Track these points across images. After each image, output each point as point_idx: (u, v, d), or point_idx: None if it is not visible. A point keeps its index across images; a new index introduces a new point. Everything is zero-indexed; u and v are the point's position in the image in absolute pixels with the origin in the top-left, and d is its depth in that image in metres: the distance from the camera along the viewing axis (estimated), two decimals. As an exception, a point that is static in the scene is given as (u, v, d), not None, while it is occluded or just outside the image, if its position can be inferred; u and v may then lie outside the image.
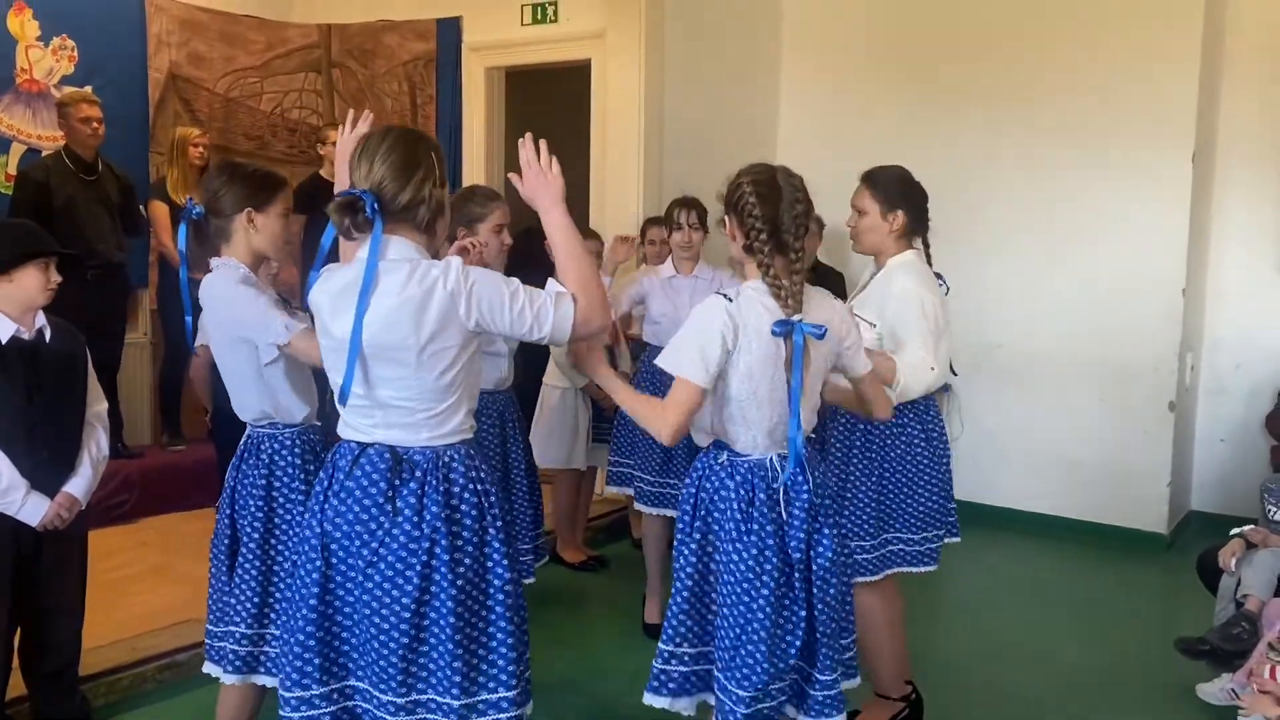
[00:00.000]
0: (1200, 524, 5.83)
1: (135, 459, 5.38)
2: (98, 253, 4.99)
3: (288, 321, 2.52)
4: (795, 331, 2.30)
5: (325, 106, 6.68)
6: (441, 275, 2.10)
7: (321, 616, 2.17)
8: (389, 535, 2.12)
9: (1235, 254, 5.86)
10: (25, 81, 5.39)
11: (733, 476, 2.40)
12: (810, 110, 6.43)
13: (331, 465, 2.23)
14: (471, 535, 2.15)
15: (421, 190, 2.15)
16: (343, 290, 2.15)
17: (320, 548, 2.17)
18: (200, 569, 4.16)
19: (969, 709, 3.68)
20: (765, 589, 2.35)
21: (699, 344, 2.33)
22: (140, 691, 3.57)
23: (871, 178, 3.18)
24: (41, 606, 3.10)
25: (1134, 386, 5.61)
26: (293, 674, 2.17)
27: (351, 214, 2.11)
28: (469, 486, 2.16)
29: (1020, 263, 5.90)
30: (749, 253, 2.39)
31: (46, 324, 3.03)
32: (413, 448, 2.15)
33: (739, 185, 2.40)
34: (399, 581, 2.11)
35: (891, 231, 3.14)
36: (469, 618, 2.14)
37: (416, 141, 2.20)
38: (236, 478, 2.76)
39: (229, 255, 2.69)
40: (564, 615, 4.40)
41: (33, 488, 2.97)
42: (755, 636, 2.34)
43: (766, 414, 2.38)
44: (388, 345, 2.10)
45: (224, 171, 2.76)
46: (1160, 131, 5.44)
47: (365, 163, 2.14)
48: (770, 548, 2.36)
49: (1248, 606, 3.82)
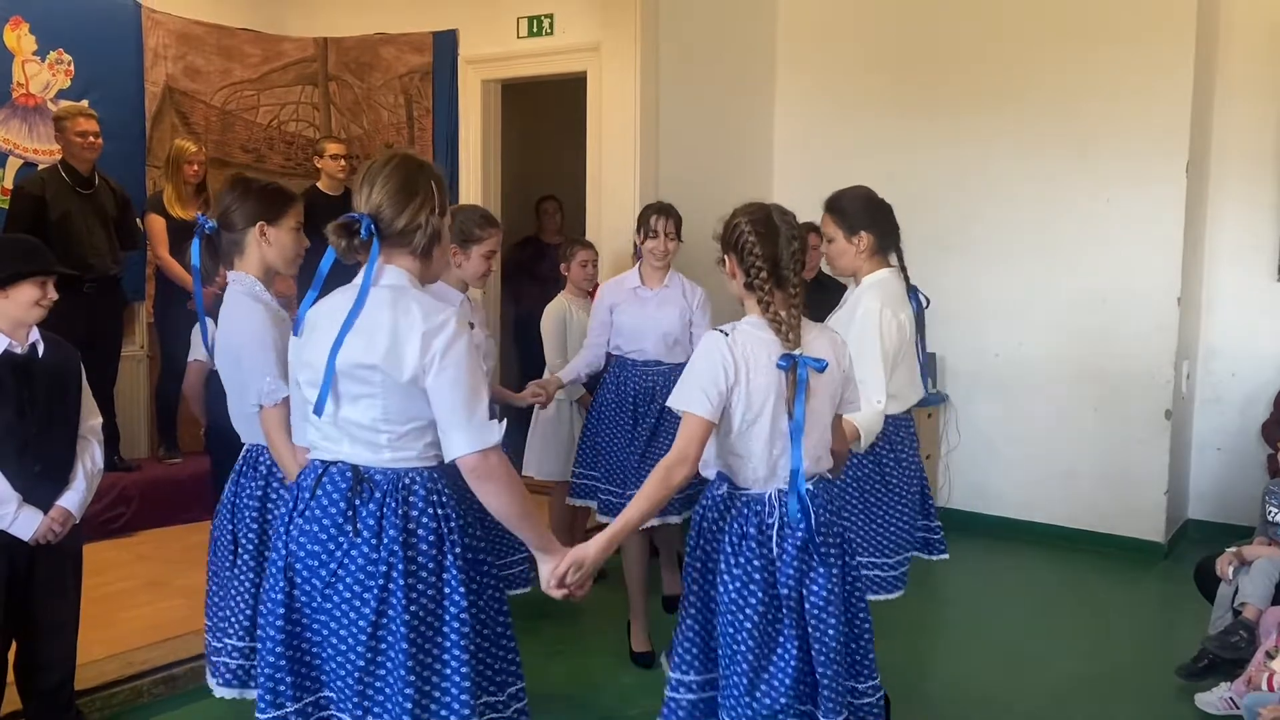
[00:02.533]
0: (1197, 532, 5.83)
1: (132, 472, 5.37)
2: (94, 266, 4.99)
3: (272, 387, 2.58)
4: (799, 365, 2.35)
5: (322, 119, 6.69)
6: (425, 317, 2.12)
7: (290, 635, 2.18)
8: (347, 556, 2.14)
9: (1230, 263, 5.87)
10: (21, 96, 5.39)
11: (730, 509, 2.45)
12: (806, 121, 6.45)
13: (297, 485, 2.26)
14: (428, 560, 2.15)
15: (418, 217, 2.19)
16: (331, 312, 2.19)
17: (284, 568, 2.19)
18: (197, 581, 4.16)
19: (968, 718, 3.67)
20: (748, 622, 2.37)
21: (701, 380, 2.38)
22: (136, 705, 3.57)
23: (831, 205, 3.20)
24: (36, 622, 3.09)
25: (1130, 395, 5.62)
26: (266, 694, 2.18)
27: (349, 235, 2.16)
28: (428, 510, 2.16)
29: (1016, 272, 5.92)
30: (749, 290, 2.44)
31: (40, 339, 3.03)
32: (374, 468, 2.16)
33: (737, 225, 2.45)
34: (356, 604, 2.13)
35: (860, 253, 3.15)
36: (422, 643, 2.14)
37: (418, 169, 2.24)
38: (235, 492, 2.77)
39: (242, 269, 2.73)
40: (560, 627, 4.39)
41: (25, 502, 2.96)
42: (739, 669, 2.37)
43: (766, 448, 2.40)
44: (359, 365, 2.13)
45: (236, 186, 2.80)
46: (1155, 142, 5.46)
47: (366, 187, 2.19)
48: (757, 582, 2.38)
49: (1245, 614, 3.83)
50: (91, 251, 5.01)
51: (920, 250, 5.74)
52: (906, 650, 4.22)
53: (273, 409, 2.59)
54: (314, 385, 2.18)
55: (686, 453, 2.38)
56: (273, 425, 2.60)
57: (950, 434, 6.18)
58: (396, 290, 2.17)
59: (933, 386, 6.10)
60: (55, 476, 3.05)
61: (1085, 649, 4.36)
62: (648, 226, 4.06)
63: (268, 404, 2.60)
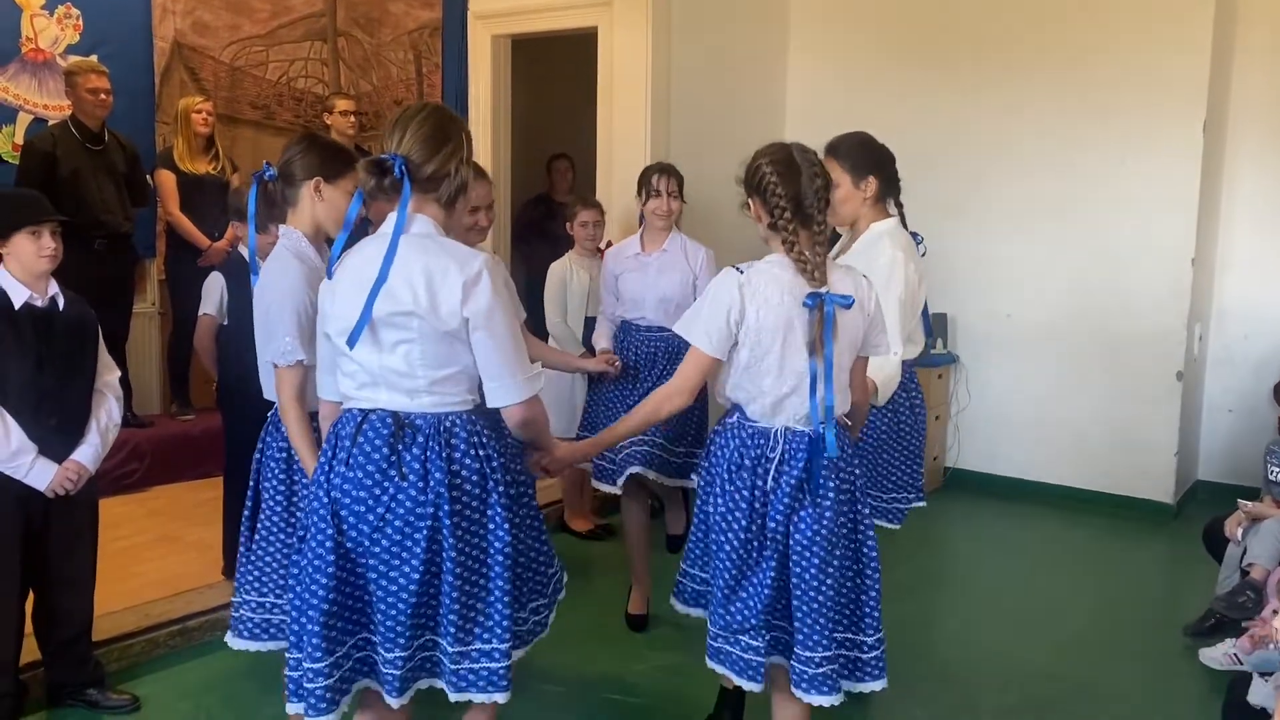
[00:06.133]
0: (1207, 494, 5.84)
1: (145, 428, 5.40)
2: (105, 223, 5.00)
3: (288, 348, 2.59)
4: (825, 303, 2.37)
5: (331, 75, 6.65)
6: (463, 264, 2.17)
7: (340, 582, 2.22)
8: (394, 500, 2.19)
9: (1245, 224, 5.83)
10: (31, 51, 5.37)
11: (735, 437, 2.50)
12: (818, 79, 6.39)
13: (334, 435, 2.28)
14: (472, 500, 2.22)
15: (448, 164, 2.23)
16: (363, 261, 2.22)
17: (330, 515, 2.22)
18: (210, 536, 4.22)
19: (975, 675, 3.70)
20: (727, 545, 2.46)
21: (705, 316, 2.46)
22: (152, 657, 3.62)
23: (835, 148, 3.11)
24: (53, 575, 3.13)
25: (1142, 357, 5.60)
26: (320, 642, 2.19)
27: (380, 174, 2.20)
28: (470, 453, 2.22)
29: (1029, 233, 5.88)
30: (774, 230, 2.45)
31: (60, 292, 3.05)
32: (414, 413, 2.21)
33: (758, 167, 2.46)
34: (406, 544, 2.19)
35: (866, 199, 3.10)
36: (468, 576, 2.23)
37: (450, 119, 2.29)
38: (262, 449, 2.80)
39: (293, 223, 2.74)
40: (571, 583, 4.41)
41: (41, 454, 2.99)
42: (720, 581, 2.49)
43: (775, 385, 2.43)
44: (395, 312, 2.16)
45: (303, 140, 2.81)
46: (1171, 100, 5.41)
47: (398, 132, 2.22)
48: (742, 510, 2.44)
49: (1253, 575, 3.84)
50: (102, 208, 5.00)
51: (933, 211, 5.76)
52: (915, 608, 4.25)
53: (286, 370, 2.60)
54: (345, 334, 2.21)
55: (683, 385, 2.51)
56: (284, 385, 2.61)
57: (960, 394, 6.18)
58: (426, 238, 2.21)
59: (943, 347, 6.10)
60: (71, 430, 3.07)
61: (1093, 608, 4.39)
62: (649, 186, 3.99)
63: (281, 364, 2.61)
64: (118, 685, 3.37)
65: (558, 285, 4.69)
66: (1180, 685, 3.68)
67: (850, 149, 3.11)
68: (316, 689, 2.20)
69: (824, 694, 2.44)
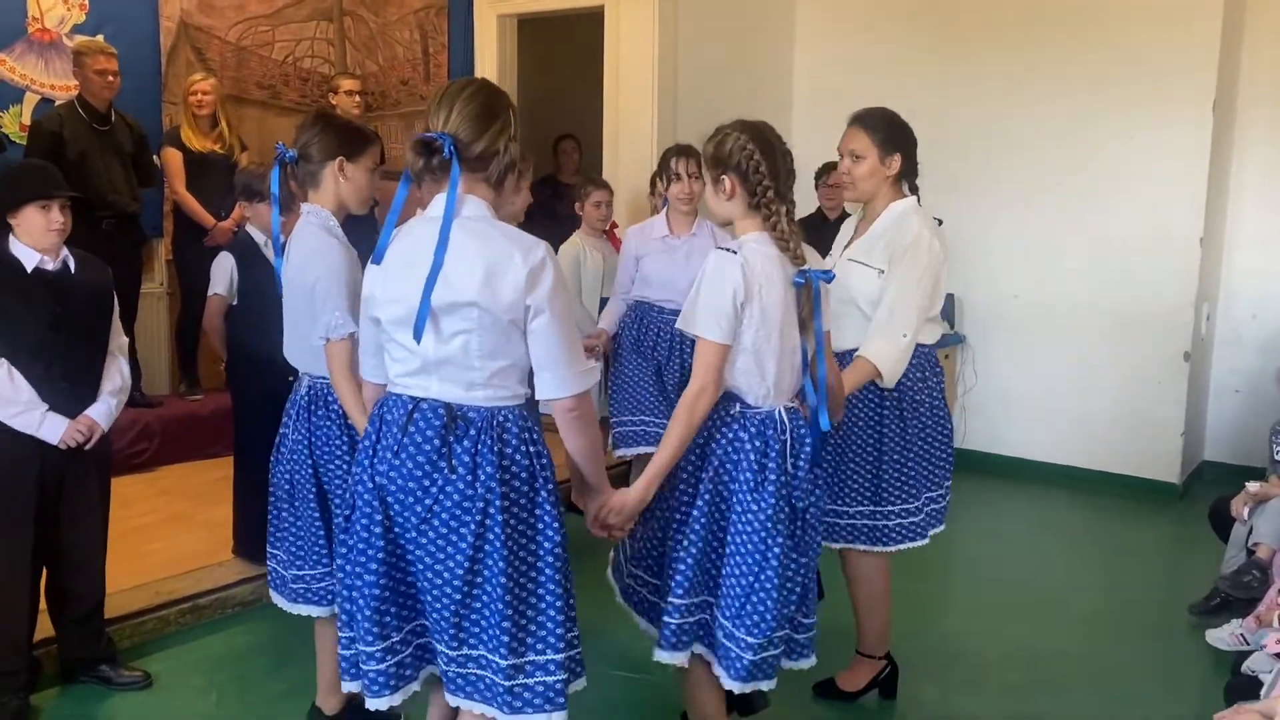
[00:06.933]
0: (1213, 474, 5.84)
1: (154, 408, 5.43)
2: (112, 204, 5.00)
3: (340, 321, 2.57)
4: (812, 279, 2.37)
5: (337, 55, 6.64)
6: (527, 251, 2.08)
7: (390, 567, 2.16)
8: (442, 492, 2.10)
9: (1254, 204, 5.80)
10: (37, 30, 5.36)
11: (746, 429, 2.44)
12: (826, 59, 6.35)
13: (379, 419, 2.19)
14: (520, 497, 2.13)
15: (497, 142, 2.14)
16: (413, 245, 2.13)
17: (379, 501, 2.15)
18: (219, 515, 4.25)
19: (982, 654, 3.72)
20: (780, 537, 2.40)
21: (710, 304, 2.37)
22: (164, 634, 3.65)
23: (864, 120, 3.02)
24: (64, 551, 3.15)
25: (1149, 337, 5.59)
26: (373, 627, 2.15)
27: (428, 154, 2.10)
28: (521, 448, 2.13)
29: (1036, 213, 5.86)
30: (754, 209, 2.42)
31: (71, 256, 3.07)
32: (467, 405, 2.12)
33: (739, 145, 2.41)
34: (453, 538, 2.10)
35: (889, 176, 3.01)
36: (519, 579, 2.13)
37: (497, 95, 2.20)
38: (291, 421, 2.80)
39: (316, 202, 2.73)
40: (579, 562, 4.43)
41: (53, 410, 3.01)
42: (768, 584, 2.39)
43: (778, 365, 2.42)
44: (455, 302, 2.07)
45: (319, 120, 2.78)
46: (1181, 80, 5.37)
47: (445, 109, 2.12)
48: (784, 498, 2.42)
49: (1259, 554, 3.85)
50: (109, 189, 5.01)
51: (940, 191, 5.70)
52: (921, 587, 4.26)
53: (338, 344, 2.57)
54: (398, 322, 2.13)
55: (707, 381, 2.39)
56: (336, 361, 2.58)
57: (967, 375, 6.18)
58: (481, 221, 2.12)
59: (950, 327, 6.09)
60: (83, 391, 3.08)
61: (1099, 588, 4.40)
62: (669, 171, 3.98)
63: (334, 337, 2.58)
64: (129, 662, 3.39)
65: (571, 265, 4.68)
66: (1185, 664, 3.70)
67: (880, 122, 3.01)
68: (372, 671, 2.16)
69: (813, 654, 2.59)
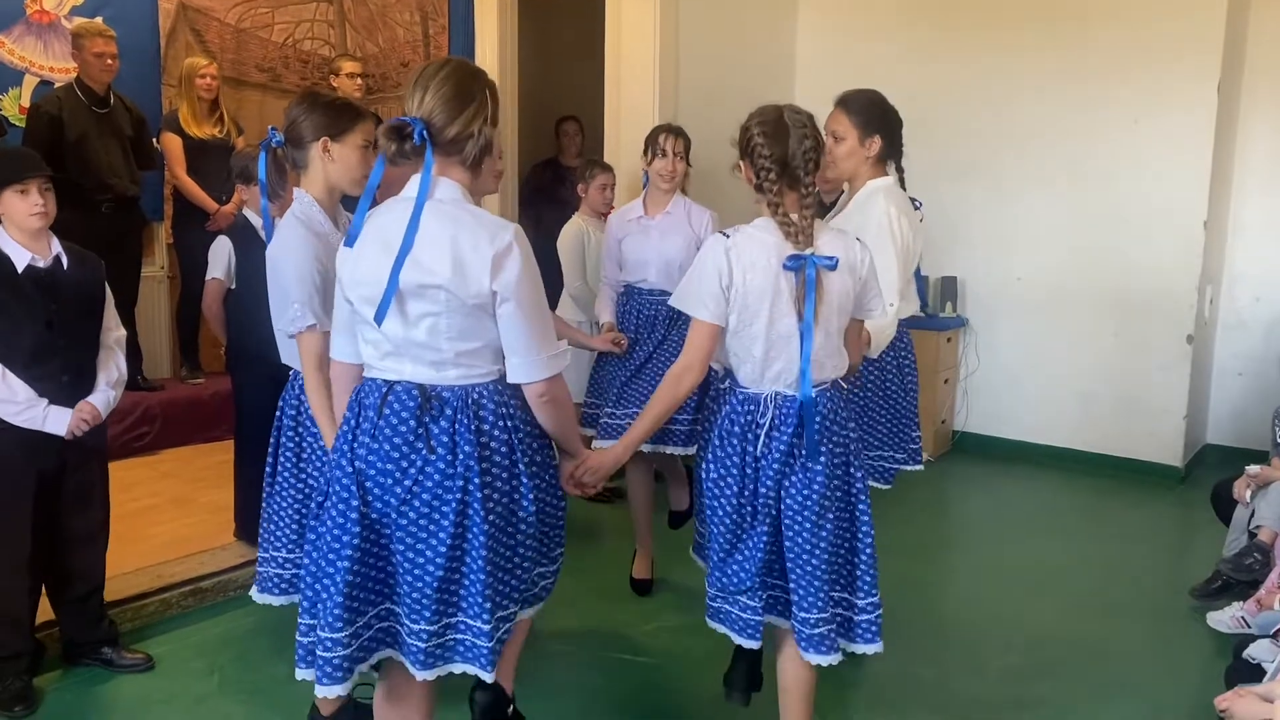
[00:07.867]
0: (1215, 457, 5.84)
1: (155, 392, 5.43)
2: (112, 187, 5.00)
3: (297, 314, 2.55)
4: (807, 265, 2.36)
5: (337, 37, 6.61)
6: (493, 235, 2.09)
7: (363, 553, 2.17)
8: (422, 473, 2.12)
9: (1258, 186, 5.78)
10: (35, 13, 5.34)
11: (727, 403, 2.51)
12: (828, 40, 6.31)
13: (357, 404, 2.20)
14: (501, 471, 2.16)
15: (471, 125, 2.12)
16: (384, 226, 2.14)
17: (356, 485, 2.16)
18: (220, 498, 4.26)
19: (982, 636, 3.72)
20: (720, 510, 2.49)
21: (698, 286, 2.45)
22: (166, 616, 3.65)
23: (847, 101, 3.12)
24: (66, 534, 3.16)
25: (1152, 319, 5.58)
26: (342, 612, 2.14)
27: (400, 139, 2.09)
28: (498, 424, 2.16)
29: (1039, 195, 5.84)
30: (760, 192, 2.45)
31: (63, 251, 3.05)
32: (440, 385, 2.14)
33: (747, 129, 2.47)
34: (435, 517, 2.12)
35: (869, 157, 3.10)
36: (499, 549, 2.17)
37: (473, 76, 2.18)
38: (281, 409, 2.81)
39: (306, 187, 2.69)
40: (578, 546, 4.45)
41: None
42: (715, 545, 2.53)
43: (763, 350, 2.42)
44: (423, 284, 2.08)
45: (305, 100, 2.74)
46: (1185, 62, 5.34)
47: (419, 92, 2.12)
48: (733, 475, 2.47)
49: (1260, 537, 3.85)
50: (109, 172, 5.00)
51: (943, 173, 5.73)
52: (923, 569, 4.27)
53: (305, 336, 2.56)
54: (369, 302, 2.13)
55: (693, 359, 2.48)
56: (305, 354, 2.58)
57: (970, 358, 6.17)
58: (452, 204, 2.12)
59: (953, 310, 6.08)
60: (82, 386, 3.08)
61: (1100, 570, 4.40)
62: (656, 145, 3.96)
63: (291, 331, 2.58)
64: (131, 645, 3.40)
65: (575, 247, 4.65)
66: (1187, 647, 3.70)
67: (862, 105, 3.11)
68: (333, 658, 2.14)
69: (822, 653, 2.46)
